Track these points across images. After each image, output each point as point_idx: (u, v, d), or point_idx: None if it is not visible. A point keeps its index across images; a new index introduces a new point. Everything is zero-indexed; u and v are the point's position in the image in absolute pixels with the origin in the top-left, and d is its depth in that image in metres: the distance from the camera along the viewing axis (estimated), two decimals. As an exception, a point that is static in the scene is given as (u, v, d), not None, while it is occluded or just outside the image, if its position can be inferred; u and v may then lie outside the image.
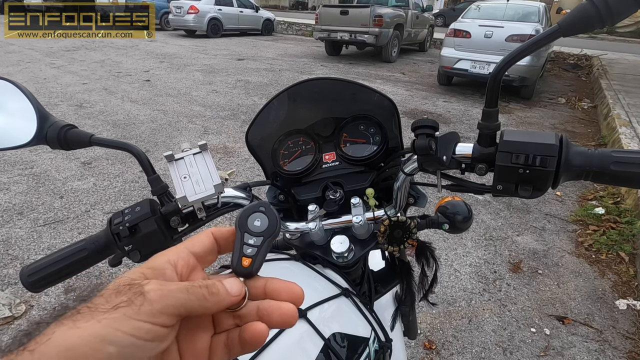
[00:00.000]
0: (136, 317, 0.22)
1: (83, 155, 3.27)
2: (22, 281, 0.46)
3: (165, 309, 0.23)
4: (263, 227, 0.30)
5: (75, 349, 0.20)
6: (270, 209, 0.31)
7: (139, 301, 0.22)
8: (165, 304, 0.23)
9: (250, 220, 0.31)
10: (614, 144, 3.92)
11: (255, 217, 0.31)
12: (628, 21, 17.88)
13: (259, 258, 0.29)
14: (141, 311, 0.22)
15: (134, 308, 0.22)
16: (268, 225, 0.30)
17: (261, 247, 0.29)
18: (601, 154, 0.40)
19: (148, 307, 0.22)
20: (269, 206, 0.32)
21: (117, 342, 0.21)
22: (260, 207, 0.31)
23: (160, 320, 0.22)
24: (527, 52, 0.41)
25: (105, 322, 0.21)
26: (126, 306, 0.22)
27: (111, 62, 7.35)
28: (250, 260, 0.28)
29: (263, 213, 0.31)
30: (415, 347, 1.68)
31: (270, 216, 0.31)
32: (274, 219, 0.31)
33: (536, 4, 6.35)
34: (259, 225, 0.30)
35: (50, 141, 0.51)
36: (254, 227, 0.30)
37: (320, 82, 0.63)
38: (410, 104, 5.48)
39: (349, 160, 0.66)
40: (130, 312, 0.22)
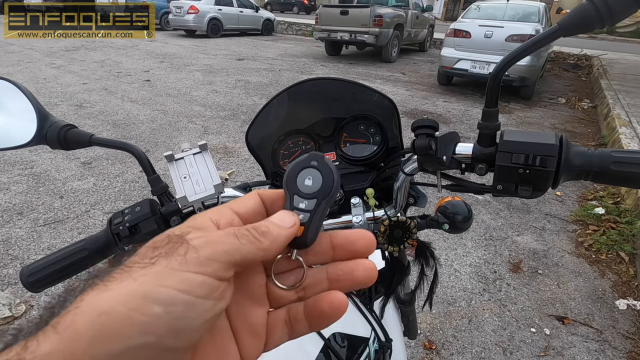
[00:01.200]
0: (182, 268, 0.18)
1: (83, 155, 3.27)
2: (22, 281, 0.46)
3: (216, 256, 0.19)
4: (316, 187, 0.25)
5: (111, 312, 0.16)
6: (324, 162, 0.26)
7: (183, 249, 0.19)
8: (214, 249, 0.19)
9: (300, 178, 0.26)
10: (614, 144, 3.92)
11: (307, 174, 0.26)
12: (628, 21, 17.89)
13: (313, 225, 0.24)
14: (187, 260, 0.18)
15: (177, 258, 0.18)
16: (322, 184, 0.25)
17: (315, 211, 0.24)
18: (601, 154, 0.40)
19: (194, 254, 0.19)
20: (323, 159, 0.26)
21: (163, 300, 0.17)
22: (312, 160, 0.26)
23: (212, 269, 0.19)
24: (527, 52, 0.41)
25: (144, 278, 0.17)
26: (168, 257, 0.18)
27: (111, 62, 7.35)
28: (302, 229, 0.24)
29: (315, 168, 0.26)
30: (415, 347, 1.68)
31: (324, 172, 0.26)
32: (330, 175, 0.25)
33: (536, 4, 6.35)
34: (310, 184, 0.25)
35: (50, 141, 0.51)
36: (305, 188, 0.25)
37: (320, 82, 0.63)
38: (410, 104, 5.48)
39: (349, 160, 0.66)
40: (174, 262, 0.18)
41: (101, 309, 0.16)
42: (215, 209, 0.23)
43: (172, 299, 0.17)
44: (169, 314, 0.17)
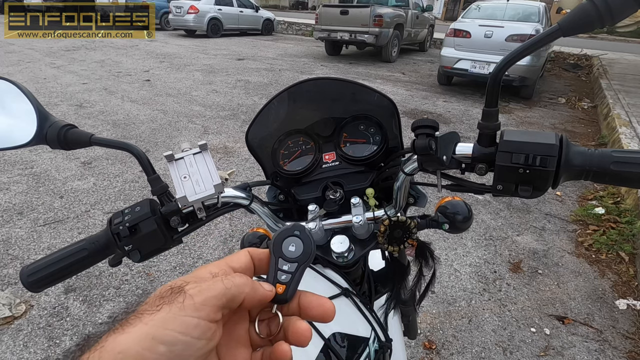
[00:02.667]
0: (181, 314, 0.22)
1: (83, 155, 3.27)
2: (22, 281, 0.46)
3: (207, 301, 0.23)
4: (298, 253, 0.30)
5: (127, 351, 0.20)
6: (305, 233, 0.31)
7: (182, 297, 0.23)
8: (206, 296, 0.24)
9: (285, 244, 0.30)
10: (614, 144, 3.92)
11: (290, 242, 0.30)
12: (628, 21, 17.88)
13: (293, 285, 0.29)
14: (185, 306, 0.23)
15: (177, 305, 0.23)
16: (303, 251, 0.30)
17: (295, 273, 0.29)
18: (601, 154, 0.40)
19: (190, 301, 0.23)
20: (304, 229, 0.31)
21: (167, 341, 0.21)
22: (295, 230, 0.31)
23: (205, 312, 0.23)
24: (527, 52, 0.41)
25: (152, 323, 0.22)
26: (170, 304, 0.23)
27: (111, 62, 7.35)
28: (284, 287, 0.28)
29: (298, 237, 0.31)
30: (415, 347, 1.68)
31: (305, 241, 0.30)
32: (309, 244, 0.30)
33: (536, 4, 6.35)
34: (293, 250, 0.30)
35: (50, 141, 0.51)
36: (289, 253, 0.30)
37: (320, 82, 0.63)
38: (410, 104, 5.48)
39: (349, 160, 0.66)
40: (174, 309, 0.23)
41: (119, 348, 0.21)
42: (215, 263, 0.28)
43: (174, 339, 0.22)
44: (172, 352, 0.21)
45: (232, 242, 2.28)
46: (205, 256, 2.15)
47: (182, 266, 2.06)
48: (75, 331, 1.65)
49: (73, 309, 1.75)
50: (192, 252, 2.18)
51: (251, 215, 0.62)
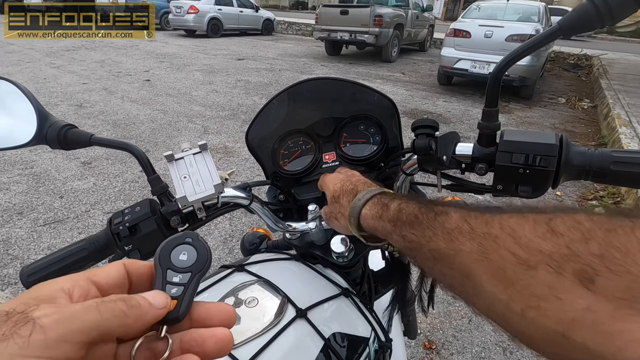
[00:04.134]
0: (24, 353, 0.16)
1: (83, 155, 3.27)
2: (22, 281, 0.46)
3: (68, 336, 0.17)
4: (191, 262, 0.26)
5: None
6: (198, 239, 0.28)
7: (27, 330, 0.16)
8: (67, 328, 0.17)
9: (174, 254, 0.27)
10: (614, 144, 3.92)
11: (181, 250, 0.27)
12: (628, 21, 17.89)
13: (186, 298, 0.24)
14: (31, 343, 0.16)
15: (18, 340, 0.16)
16: (196, 259, 0.26)
17: (189, 285, 0.25)
18: (601, 154, 0.40)
19: (40, 336, 0.16)
20: (197, 236, 0.28)
21: None
22: (187, 237, 0.28)
23: (62, 351, 0.17)
24: (527, 52, 0.41)
25: None
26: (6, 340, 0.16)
27: (111, 62, 7.35)
28: (175, 303, 0.24)
29: (190, 245, 0.27)
30: (415, 347, 1.68)
31: (198, 247, 0.27)
32: (204, 250, 0.27)
33: (536, 4, 6.35)
34: (185, 259, 0.26)
35: (50, 141, 0.51)
36: (179, 262, 0.26)
37: (320, 82, 0.63)
38: (410, 104, 5.48)
39: (349, 160, 0.66)
40: (12, 347, 0.16)
41: None
42: (69, 277, 0.21)
43: None
44: None
45: (232, 242, 2.28)
46: (205, 256, 2.15)
47: (182, 266, 2.06)
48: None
49: (73, 309, 1.75)
50: (192, 252, 2.18)
51: (251, 215, 0.62)
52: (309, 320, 0.47)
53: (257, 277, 0.52)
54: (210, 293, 0.51)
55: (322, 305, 0.51)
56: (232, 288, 0.50)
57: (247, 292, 0.49)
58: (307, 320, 0.47)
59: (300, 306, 0.48)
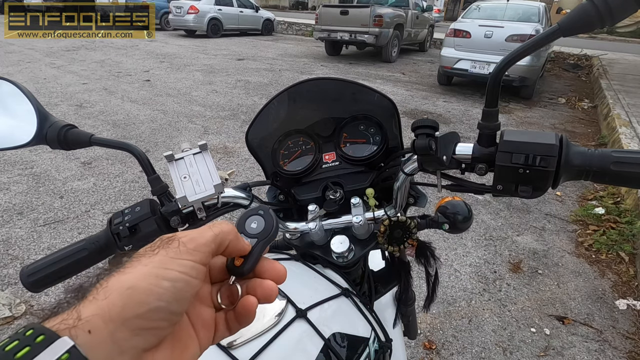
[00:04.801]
0: (178, 257, 0.24)
1: (83, 155, 3.27)
2: (22, 281, 0.46)
3: (199, 247, 0.26)
4: (258, 230, 0.31)
5: (136, 286, 0.22)
6: (268, 213, 0.32)
7: (175, 244, 0.25)
8: (197, 242, 0.26)
9: (248, 222, 0.32)
10: (614, 144, 3.92)
11: (253, 220, 0.32)
12: (628, 21, 17.88)
13: (250, 259, 0.29)
14: (180, 251, 0.25)
15: (173, 249, 0.25)
16: (264, 228, 0.31)
17: (254, 248, 0.30)
18: (601, 154, 0.40)
19: (184, 247, 0.25)
20: (269, 210, 0.32)
21: (170, 277, 0.23)
22: (260, 210, 0.32)
23: (198, 257, 0.25)
24: (527, 52, 0.41)
25: (152, 264, 0.23)
26: (166, 249, 0.25)
27: (111, 62, 7.35)
28: (242, 261, 0.29)
29: (261, 216, 0.32)
30: (415, 347, 1.68)
31: (267, 219, 0.32)
32: (271, 223, 0.31)
33: (536, 4, 6.35)
34: (254, 227, 0.31)
35: (50, 141, 0.51)
36: (250, 229, 0.31)
37: (320, 82, 0.63)
38: (410, 104, 5.48)
39: (349, 160, 0.66)
40: (171, 253, 0.24)
41: (128, 284, 0.22)
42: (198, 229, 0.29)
43: (176, 277, 0.24)
44: (175, 287, 0.23)
45: (232, 242, 2.28)
46: (205, 256, 2.15)
47: (182, 266, 2.06)
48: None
49: (73, 309, 1.75)
50: (192, 252, 2.18)
51: (251, 215, 0.62)
52: (309, 320, 0.47)
53: None
54: None
55: (322, 305, 0.51)
56: (232, 288, 0.50)
57: None
58: (307, 320, 0.47)
59: (300, 306, 0.48)
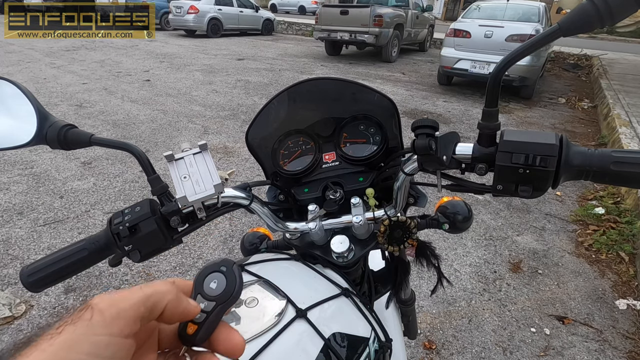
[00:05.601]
0: (90, 332, 0.19)
1: (83, 155, 3.27)
2: (22, 281, 0.46)
3: (121, 313, 0.20)
4: (218, 291, 0.27)
5: None
6: (232, 270, 0.28)
7: (88, 315, 0.19)
8: (119, 307, 0.20)
9: (207, 280, 0.27)
10: (614, 144, 3.92)
11: (213, 278, 0.27)
12: (628, 21, 17.87)
13: (205, 327, 0.25)
14: (93, 323, 0.19)
15: (84, 323, 0.19)
16: (224, 290, 0.27)
17: (211, 314, 0.26)
18: (601, 154, 0.40)
19: (100, 317, 0.19)
20: (232, 266, 0.28)
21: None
22: (222, 266, 0.28)
23: (118, 328, 0.20)
24: (527, 52, 0.41)
25: (51, 349, 0.18)
26: (74, 324, 0.19)
27: (111, 62, 7.35)
28: (195, 328, 0.25)
29: (222, 274, 0.28)
30: (415, 347, 1.68)
31: (229, 278, 0.27)
32: (233, 282, 0.27)
33: (536, 4, 6.35)
34: (214, 287, 0.27)
35: (50, 141, 0.51)
36: (209, 290, 0.27)
37: (320, 82, 0.63)
38: (410, 104, 5.48)
39: (349, 160, 0.66)
40: (80, 329, 0.19)
41: None
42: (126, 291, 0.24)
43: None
44: None
45: (232, 242, 2.28)
46: (206, 256, 2.15)
47: (182, 266, 2.06)
48: (75, 331, 1.65)
49: (73, 309, 1.76)
50: (192, 252, 2.18)
51: (251, 215, 0.62)
52: (309, 320, 0.47)
53: (257, 277, 0.52)
54: None
55: (322, 305, 0.51)
56: (232, 288, 0.50)
57: (247, 292, 0.49)
58: (307, 320, 0.47)
59: (300, 306, 0.48)
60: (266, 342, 0.43)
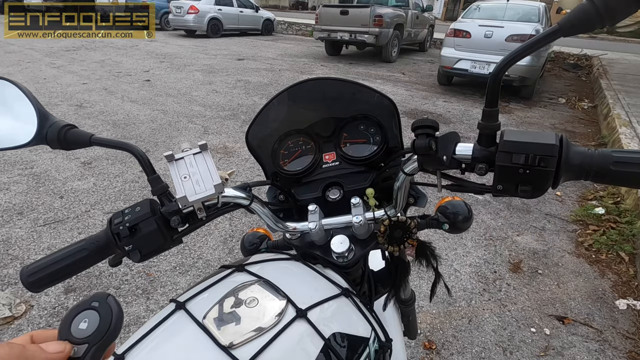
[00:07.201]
0: None
1: (83, 155, 3.27)
2: (22, 281, 0.46)
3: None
4: (90, 331, 0.23)
5: None
6: (105, 304, 0.24)
7: None
8: None
9: (75, 322, 0.24)
10: (614, 144, 3.92)
11: (82, 318, 0.24)
12: (628, 21, 17.86)
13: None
14: None
15: None
16: (97, 328, 0.23)
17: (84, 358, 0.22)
18: (601, 154, 0.40)
19: None
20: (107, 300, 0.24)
21: None
22: (94, 301, 0.24)
23: None
24: (527, 52, 0.41)
25: None
26: None
27: (111, 62, 7.35)
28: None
29: (95, 310, 0.24)
30: (415, 347, 1.68)
31: (103, 313, 0.24)
32: (108, 317, 0.24)
33: (536, 4, 6.35)
34: (84, 327, 0.23)
35: (50, 141, 0.51)
36: (78, 332, 0.23)
37: (320, 82, 0.63)
38: (410, 104, 5.48)
39: (349, 160, 0.66)
40: None
41: None
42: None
43: None
44: None
45: (232, 242, 2.28)
46: (205, 256, 2.15)
47: (182, 266, 2.06)
48: (75, 331, 1.65)
49: (73, 309, 1.76)
50: (192, 252, 2.18)
51: (251, 215, 0.62)
52: (309, 320, 0.47)
53: (257, 277, 0.52)
54: (210, 293, 0.51)
55: (322, 305, 0.51)
56: (232, 288, 0.50)
57: (247, 292, 0.49)
58: (307, 320, 0.47)
59: (300, 306, 0.48)
60: (266, 342, 0.43)
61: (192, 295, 0.50)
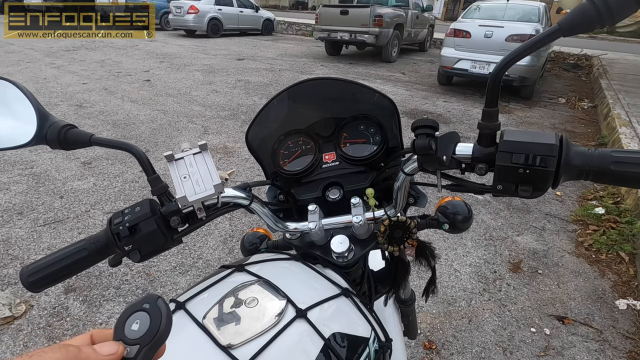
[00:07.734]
0: None
1: (83, 155, 3.27)
2: (22, 281, 0.46)
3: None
4: (141, 332, 0.24)
5: None
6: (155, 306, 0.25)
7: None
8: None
9: (128, 322, 0.25)
10: (614, 144, 3.92)
11: (135, 318, 0.25)
12: (628, 21, 17.88)
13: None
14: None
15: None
16: (148, 330, 0.24)
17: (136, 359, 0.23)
18: (601, 154, 0.40)
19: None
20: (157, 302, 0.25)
21: None
22: (145, 303, 0.25)
23: None
24: (527, 52, 0.41)
25: None
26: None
27: (111, 62, 7.35)
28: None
29: (146, 312, 0.25)
30: (415, 347, 1.68)
31: (153, 315, 0.25)
32: (158, 320, 0.24)
33: (536, 4, 6.35)
34: (136, 329, 0.24)
35: (50, 141, 0.51)
36: (130, 333, 0.24)
37: (320, 82, 0.63)
38: (410, 104, 5.48)
39: (349, 160, 0.66)
40: None
41: None
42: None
43: None
44: None
45: (232, 242, 2.28)
46: (205, 256, 2.15)
47: (182, 266, 2.06)
48: (75, 331, 1.65)
49: (73, 309, 1.75)
50: (192, 252, 2.18)
51: (251, 215, 0.62)
52: (309, 320, 0.47)
53: (257, 277, 0.52)
54: (210, 293, 0.51)
55: (322, 305, 0.51)
56: (232, 288, 0.50)
57: (247, 292, 0.49)
58: (307, 320, 0.47)
59: (300, 306, 0.48)
60: (266, 342, 0.43)
61: (192, 295, 0.50)
